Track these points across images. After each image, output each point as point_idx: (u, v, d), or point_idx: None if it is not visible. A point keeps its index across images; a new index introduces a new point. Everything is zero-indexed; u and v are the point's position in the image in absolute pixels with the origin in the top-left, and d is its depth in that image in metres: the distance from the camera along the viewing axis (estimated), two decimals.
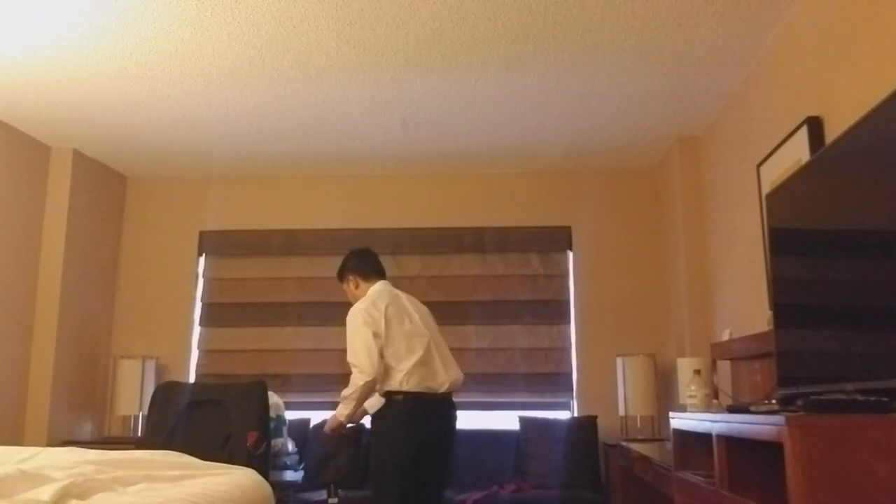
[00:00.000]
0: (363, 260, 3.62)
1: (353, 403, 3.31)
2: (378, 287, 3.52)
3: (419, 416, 3.27)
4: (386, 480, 3.23)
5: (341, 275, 3.66)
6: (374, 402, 3.34)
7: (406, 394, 3.26)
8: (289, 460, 4.16)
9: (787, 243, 2.47)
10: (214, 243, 5.63)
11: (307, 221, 5.62)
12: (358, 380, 3.27)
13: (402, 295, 3.51)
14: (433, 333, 3.41)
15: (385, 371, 3.30)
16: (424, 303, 3.70)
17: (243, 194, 5.70)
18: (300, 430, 4.76)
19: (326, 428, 3.50)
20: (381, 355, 3.26)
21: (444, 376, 3.31)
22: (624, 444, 3.93)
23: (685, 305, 4.68)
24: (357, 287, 3.58)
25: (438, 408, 3.33)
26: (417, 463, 3.23)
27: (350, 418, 3.37)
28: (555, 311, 5.40)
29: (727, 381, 4.05)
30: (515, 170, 5.56)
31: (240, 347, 5.50)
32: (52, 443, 4.78)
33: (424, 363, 3.28)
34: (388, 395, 3.31)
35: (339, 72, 3.92)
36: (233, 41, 3.60)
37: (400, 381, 3.26)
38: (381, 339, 3.27)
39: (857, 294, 1.97)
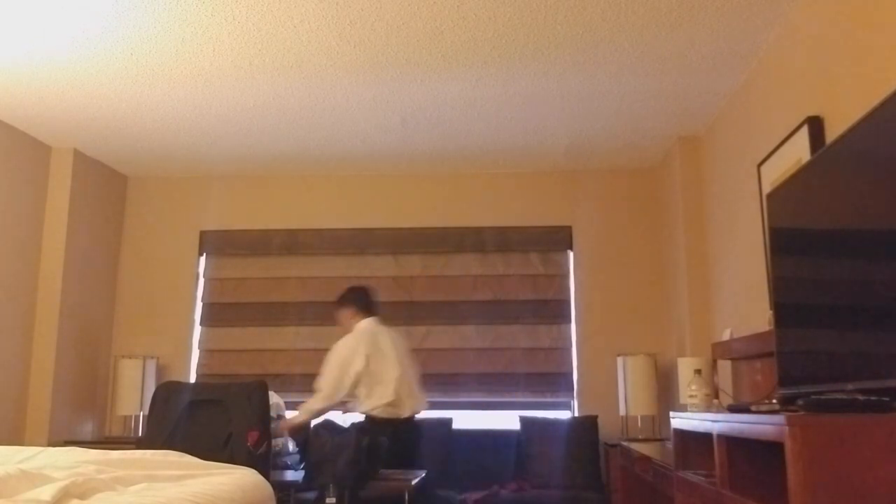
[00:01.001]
0: (364, 296, 4.14)
1: (308, 416, 3.89)
2: (368, 324, 4.03)
3: (383, 435, 3.77)
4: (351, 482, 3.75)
5: (341, 301, 4.15)
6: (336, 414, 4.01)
7: (374, 419, 3.85)
8: (289, 460, 4.17)
9: (787, 243, 2.47)
10: (215, 243, 5.63)
11: (307, 221, 5.62)
12: (319, 401, 3.91)
13: (386, 332, 4.02)
14: (405, 368, 3.95)
15: (359, 395, 3.90)
16: (425, 302, 4.38)
17: (243, 194, 5.70)
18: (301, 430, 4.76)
19: (283, 426, 4.01)
20: (355, 385, 3.88)
21: (409, 405, 3.90)
22: (624, 443, 3.94)
23: (685, 305, 4.68)
24: (353, 316, 4.08)
25: (401, 430, 3.86)
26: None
27: (302, 425, 3.90)
28: (555, 311, 5.40)
29: (728, 381, 4.06)
30: (515, 170, 5.56)
31: (240, 347, 5.51)
32: (52, 442, 4.78)
33: (393, 397, 3.86)
34: (365, 415, 3.90)
35: (339, 72, 3.92)
36: (233, 41, 3.61)
37: (372, 407, 3.86)
38: (358, 373, 3.86)
39: (858, 294, 1.97)
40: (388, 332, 4.04)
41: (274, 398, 4.04)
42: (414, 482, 3.88)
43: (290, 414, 4.50)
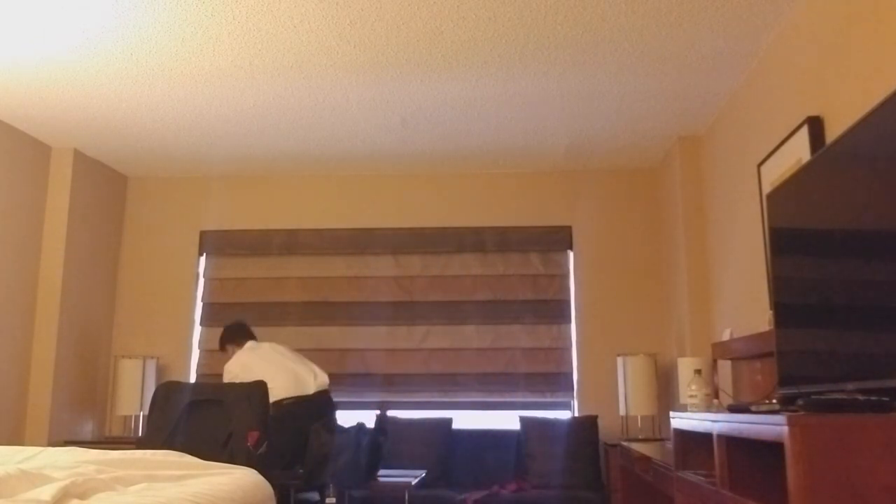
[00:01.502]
0: (234, 330, 4.52)
1: None
2: (246, 346, 4.42)
3: (297, 413, 4.11)
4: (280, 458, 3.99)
5: (221, 346, 4.54)
6: None
7: (282, 400, 4.14)
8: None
9: (787, 243, 2.47)
10: (215, 243, 5.63)
11: (307, 221, 5.62)
12: None
13: (266, 345, 4.43)
14: (292, 360, 4.33)
15: None
16: (425, 302, 5.05)
17: (243, 194, 5.70)
18: None
19: None
20: None
21: (311, 383, 4.24)
22: (624, 443, 3.94)
23: (685, 305, 4.68)
24: (234, 351, 4.43)
25: (313, 405, 4.20)
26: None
27: None
28: (555, 311, 5.40)
29: (728, 381, 4.06)
30: (515, 170, 5.56)
31: None
32: (52, 442, 4.78)
33: (288, 381, 4.19)
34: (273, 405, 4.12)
35: (339, 72, 3.92)
36: (233, 41, 3.60)
37: (274, 395, 4.10)
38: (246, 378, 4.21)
39: (858, 294, 1.97)
40: (264, 346, 4.44)
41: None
42: (414, 482, 3.89)
43: None
